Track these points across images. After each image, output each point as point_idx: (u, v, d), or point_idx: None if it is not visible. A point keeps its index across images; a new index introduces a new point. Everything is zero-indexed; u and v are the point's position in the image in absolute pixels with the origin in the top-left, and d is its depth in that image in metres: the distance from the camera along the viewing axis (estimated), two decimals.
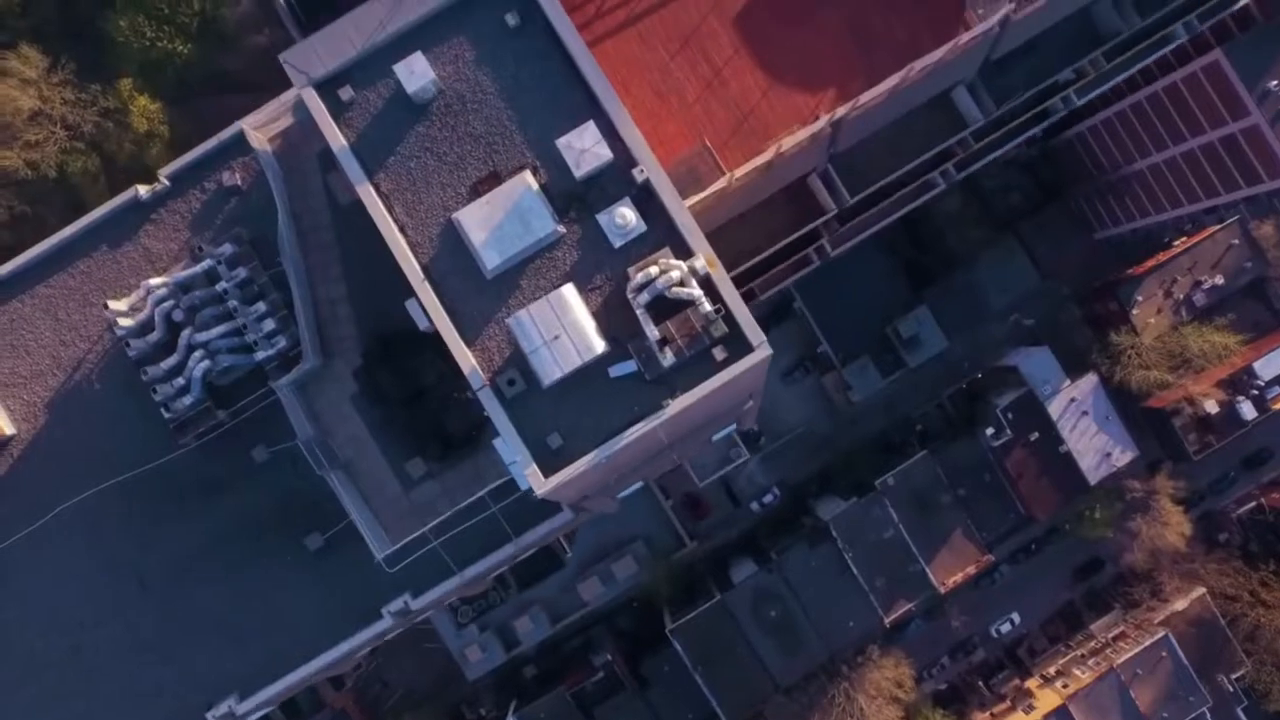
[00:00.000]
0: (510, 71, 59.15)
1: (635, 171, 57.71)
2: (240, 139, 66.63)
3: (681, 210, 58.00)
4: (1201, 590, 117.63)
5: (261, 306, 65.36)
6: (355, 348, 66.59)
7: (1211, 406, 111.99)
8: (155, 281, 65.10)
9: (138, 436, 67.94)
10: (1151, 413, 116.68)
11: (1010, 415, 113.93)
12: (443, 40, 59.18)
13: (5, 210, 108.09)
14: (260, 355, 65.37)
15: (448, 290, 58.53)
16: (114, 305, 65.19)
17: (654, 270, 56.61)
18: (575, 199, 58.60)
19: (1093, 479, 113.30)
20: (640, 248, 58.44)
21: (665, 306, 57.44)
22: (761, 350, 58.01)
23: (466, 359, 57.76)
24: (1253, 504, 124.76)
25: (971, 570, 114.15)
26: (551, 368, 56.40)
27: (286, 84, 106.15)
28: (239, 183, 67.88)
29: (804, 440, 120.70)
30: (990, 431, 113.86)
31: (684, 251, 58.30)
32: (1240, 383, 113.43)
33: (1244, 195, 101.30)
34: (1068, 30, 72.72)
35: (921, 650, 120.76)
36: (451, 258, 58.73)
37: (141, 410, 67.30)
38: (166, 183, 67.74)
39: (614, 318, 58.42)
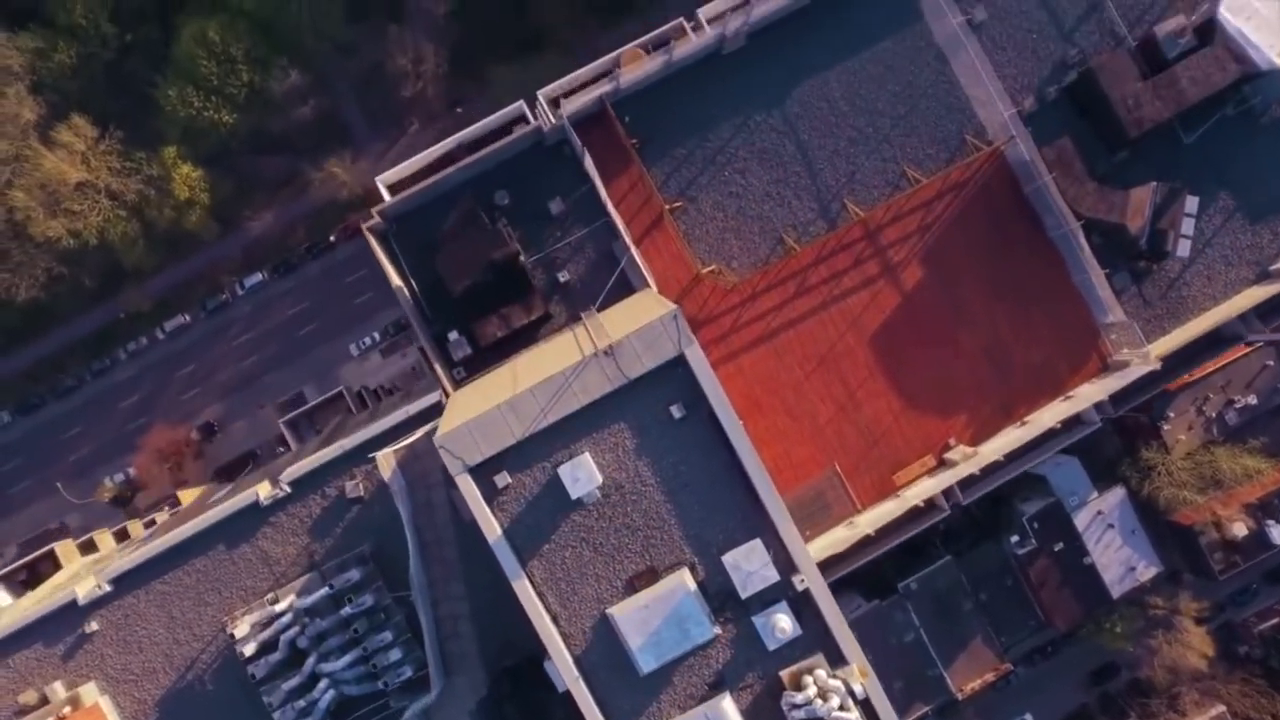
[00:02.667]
0: (671, 462, 57.53)
1: (795, 579, 57.28)
2: (362, 449, 64.91)
3: (841, 623, 57.86)
4: (1221, 708, 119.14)
5: (388, 635, 64.47)
6: (477, 664, 66.28)
7: (1240, 530, 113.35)
8: (280, 608, 63.92)
9: None
10: (1177, 526, 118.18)
11: (1036, 525, 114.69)
12: (603, 427, 57.28)
13: (44, 273, 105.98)
14: (385, 684, 64.72)
15: (599, 683, 58.07)
16: (238, 632, 64.02)
17: (811, 691, 56.74)
18: (731, 598, 57.94)
19: (1115, 592, 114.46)
20: (793, 650, 58.32)
21: None
22: None
23: None
24: (1275, 620, 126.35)
25: (990, 678, 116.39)
26: None
27: (327, 151, 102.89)
28: (361, 493, 65.97)
29: None
30: (1015, 539, 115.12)
31: (837, 658, 58.40)
32: (1271, 506, 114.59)
33: None
34: None
35: None
36: (604, 651, 58.07)
37: (254, 713, 66.36)
38: (287, 488, 65.66)
39: (762, 717, 58.59)
